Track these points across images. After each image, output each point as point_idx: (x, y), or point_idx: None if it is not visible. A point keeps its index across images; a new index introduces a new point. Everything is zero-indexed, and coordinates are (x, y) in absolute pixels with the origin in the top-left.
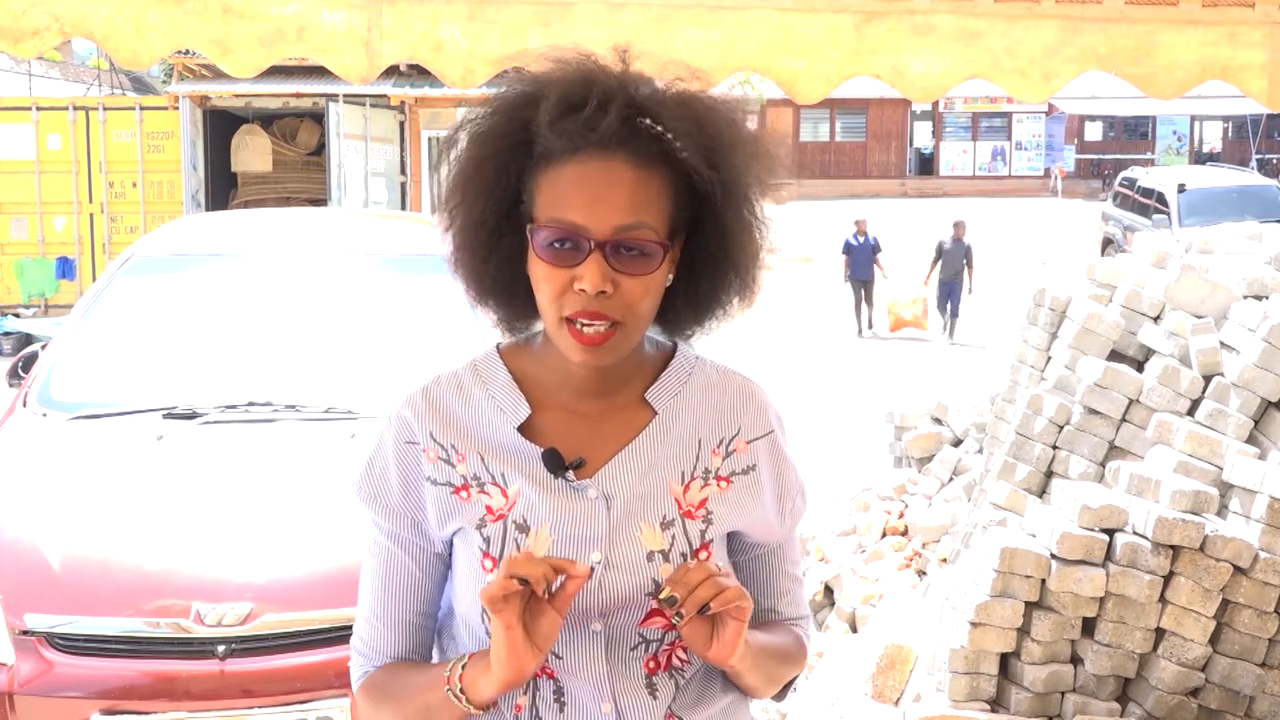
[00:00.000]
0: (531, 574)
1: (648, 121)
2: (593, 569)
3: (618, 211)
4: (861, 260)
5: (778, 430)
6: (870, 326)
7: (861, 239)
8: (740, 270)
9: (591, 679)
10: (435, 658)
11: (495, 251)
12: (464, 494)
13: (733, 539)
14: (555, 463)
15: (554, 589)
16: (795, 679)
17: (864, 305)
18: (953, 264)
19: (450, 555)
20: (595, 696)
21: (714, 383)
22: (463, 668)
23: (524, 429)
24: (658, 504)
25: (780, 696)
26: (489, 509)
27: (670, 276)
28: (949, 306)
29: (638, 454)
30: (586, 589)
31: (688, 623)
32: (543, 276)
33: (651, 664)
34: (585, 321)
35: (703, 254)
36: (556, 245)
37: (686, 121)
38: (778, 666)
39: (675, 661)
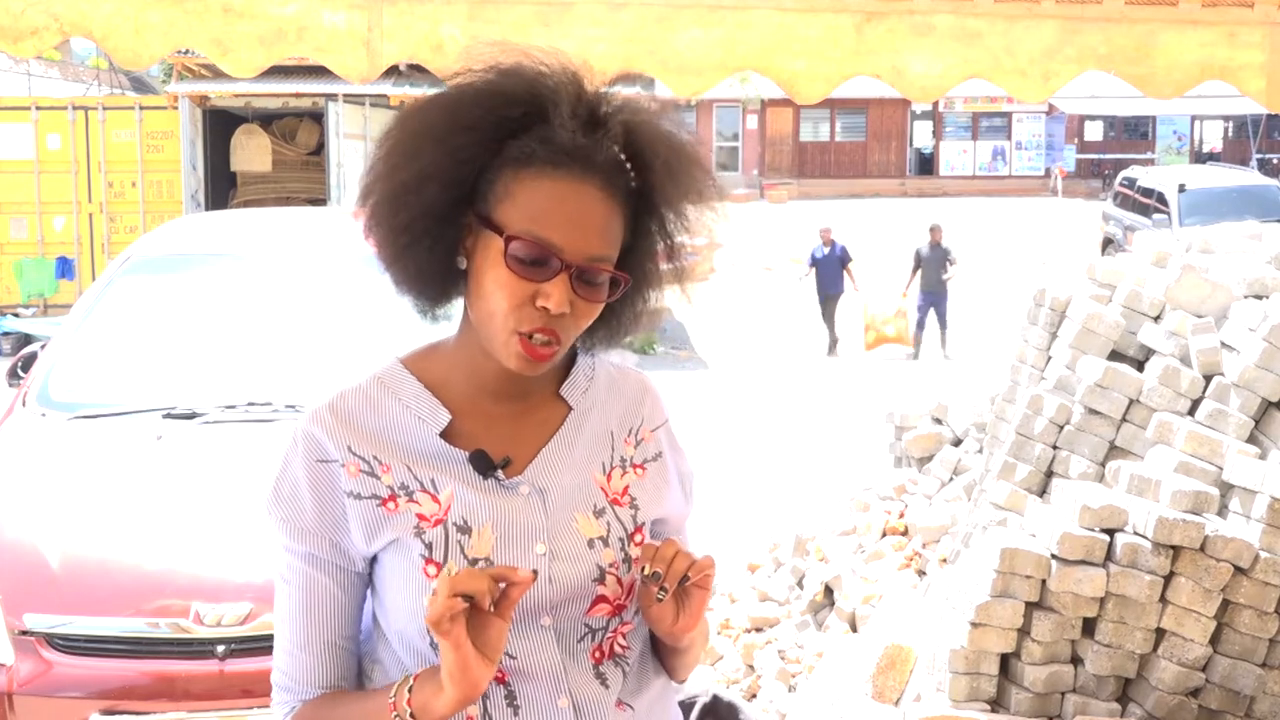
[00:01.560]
0: (476, 590)
1: (630, 153)
2: (535, 571)
3: (592, 240)
4: (829, 272)
5: (670, 419)
6: (834, 347)
7: (827, 249)
8: (654, 296)
9: (547, 675)
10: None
11: (437, 243)
12: (391, 505)
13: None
14: (484, 464)
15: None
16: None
17: (830, 322)
18: (933, 271)
19: (372, 575)
20: (551, 693)
21: (615, 378)
22: (409, 690)
23: (445, 435)
24: (587, 494)
25: (685, 678)
26: (421, 517)
27: None
28: (936, 317)
29: (560, 448)
30: (536, 584)
31: (670, 597)
32: (502, 285)
33: (597, 654)
34: (541, 337)
35: (632, 277)
36: (527, 260)
37: (658, 160)
38: (703, 641)
39: (618, 649)
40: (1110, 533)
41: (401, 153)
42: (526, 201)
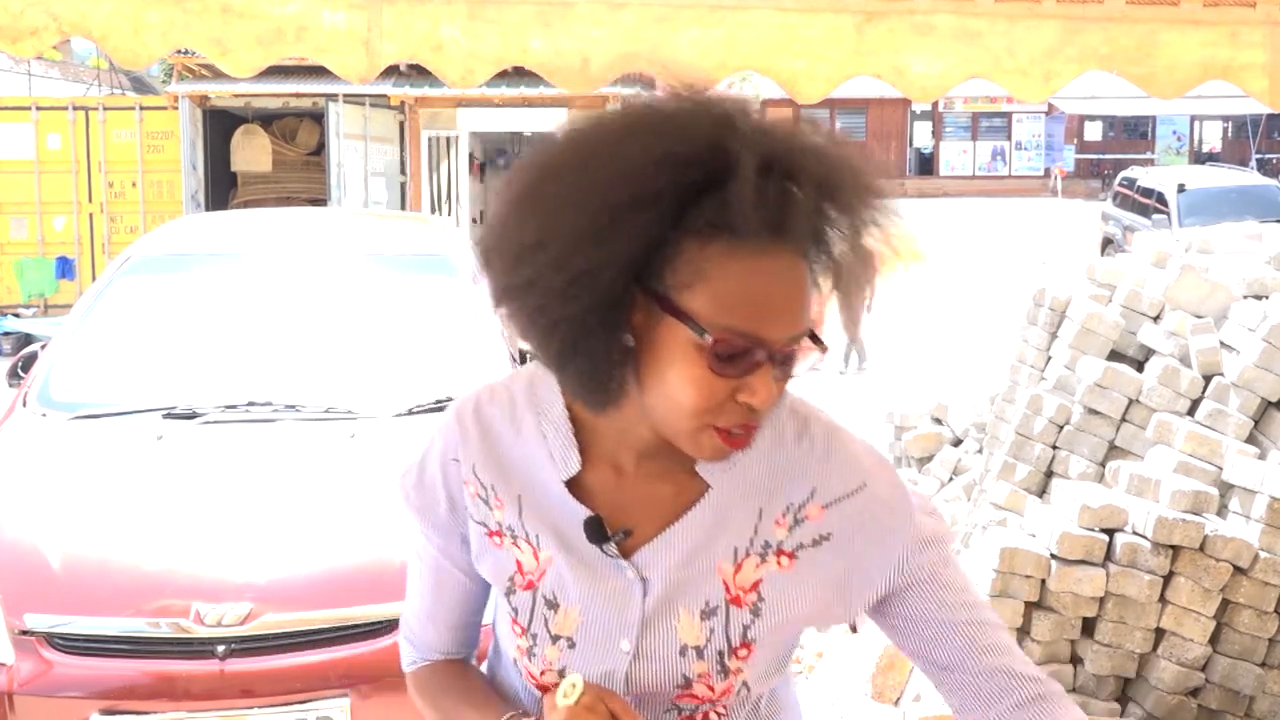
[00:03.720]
0: None
1: (833, 216)
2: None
3: (798, 320)
4: None
5: (876, 483)
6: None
7: None
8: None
9: None
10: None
11: (618, 329)
12: (497, 539)
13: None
14: (598, 534)
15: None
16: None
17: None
18: None
19: None
20: None
21: (786, 435)
22: None
23: (570, 484)
24: (702, 588)
25: None
26: (519, 565)
27: None
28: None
29: (686, 532)
30: (611, 680)
31: None
32: (697, 383)
33: None
34: (740, 431)
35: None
36: (730, 358)
37: (854, 212)
38: None
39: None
40: (1110, 533)
41: (580, 235)
42: (722, 287)
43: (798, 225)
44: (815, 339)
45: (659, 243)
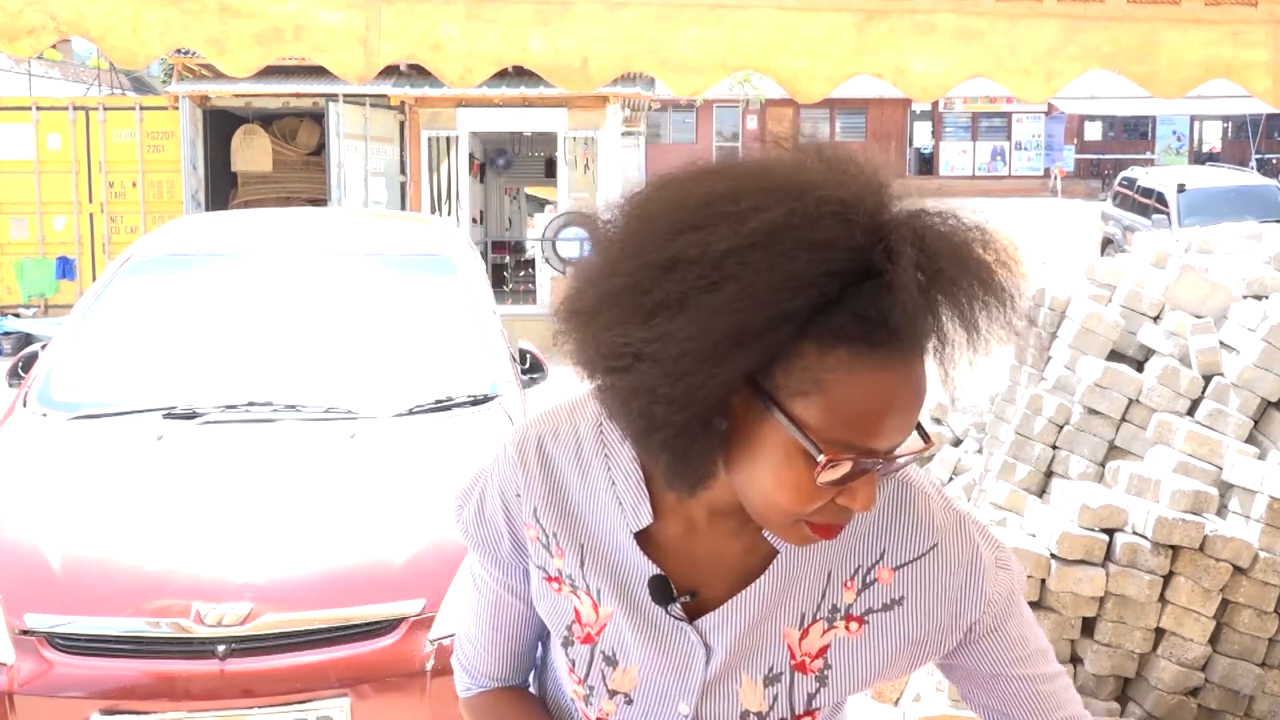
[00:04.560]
0: None
1: (956, 309)
2: None
3: (909, 427)
4: None
5: (947, 541)
6: None
7: None
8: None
9: None
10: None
11: (713, 421)
12: (555, 585)
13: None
14: (664, 595)
15: None
16: None
17: None
18: None
19: None
20: None
21: None
22: None
23: (639, 535)
24: (767, 654)
25: None
26: (578, 614)
27: None
28: None
29: (754, 597)
30: None
31: None
32: (800, 489)
33: None
34: (833, 526)
35: None
36: (839, 469)
37: (973, 303)
38: None
39: None
40: (1110, 532)
41: (682, 344)
42: (842, 402)
43: (927, 331)
44: (921, 432)
45: (781, 349)
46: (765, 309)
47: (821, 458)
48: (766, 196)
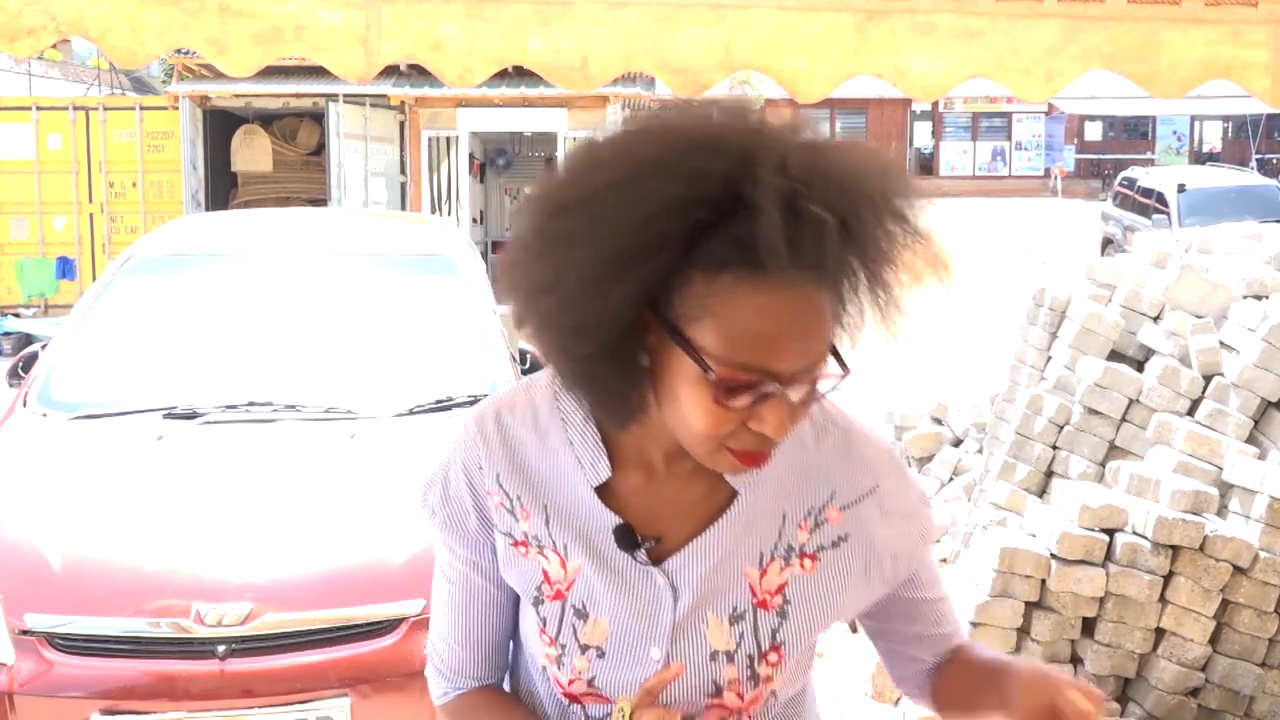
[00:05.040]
0: None
1: (856, 241)
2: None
3: (812, 349)
4: None
5: (886, 483)
6: None
7: None
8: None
9: None
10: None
11: (633, 354)
12: (522, 549)
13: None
14: (628, 541)
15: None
16: None
17: None
18: None
19: None
20: None
21: (805, 439)
22: None
23: (600, 489)
24: (729, 594)
25: None
26: (546, 575)
27: None
28: None
29: (717, 538)
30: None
31: None
32: (706, 413)
33: None
34: (755, 451)
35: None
36: (738, 390)
37: (878, 235)
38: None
39: None
40: (1110, 533)
41: (587, 276)
42: (730, 321)
43: (811, 257)
44: (841, 361)
45: (668, 275)
46: (643, 234)
47: (712, 374)
48: (651, 137)
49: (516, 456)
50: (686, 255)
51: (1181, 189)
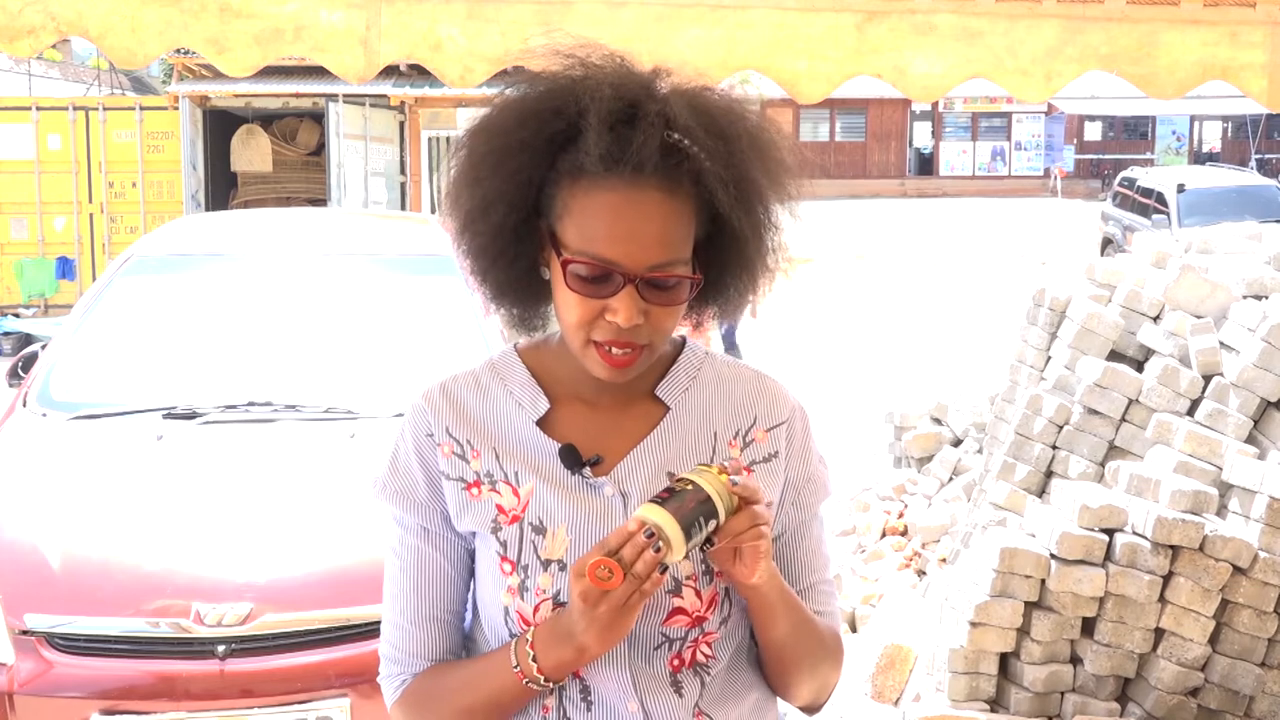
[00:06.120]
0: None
1: (685, 142)
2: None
3: (651, 249)
4: None
5: (797, 418)
6: None
7: None
8: (755, 273)
9: (616, 679)
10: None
11: (517, 259)
12: (474, 490)
13: None
14: (572, 459)
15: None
16: (833, 685)
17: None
18: None
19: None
20: (621, 696)
21: (725, 376)
22: (530, 646)
23: (542, 424)
24: None
25: (817, 708)
26: (500, 508)
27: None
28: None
29: (652, 449)
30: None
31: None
32: (571, 304)
33: (675, 662)
34: (618, 350)
35: (719, 262)
36: (588, 279)
37: (713, 138)
38: (809, 634)
39: (700, 658)
40: (1109, 532)
41: (465, 180)
42: (580, 217)
43: (641, 156)
44: (692, 269)
45: (543, 184)
46: (503, 138)
47: (563, 254)
48: (535, 79)
49: (464, 410)
50: (553, 165)
51: (1181, 189)
